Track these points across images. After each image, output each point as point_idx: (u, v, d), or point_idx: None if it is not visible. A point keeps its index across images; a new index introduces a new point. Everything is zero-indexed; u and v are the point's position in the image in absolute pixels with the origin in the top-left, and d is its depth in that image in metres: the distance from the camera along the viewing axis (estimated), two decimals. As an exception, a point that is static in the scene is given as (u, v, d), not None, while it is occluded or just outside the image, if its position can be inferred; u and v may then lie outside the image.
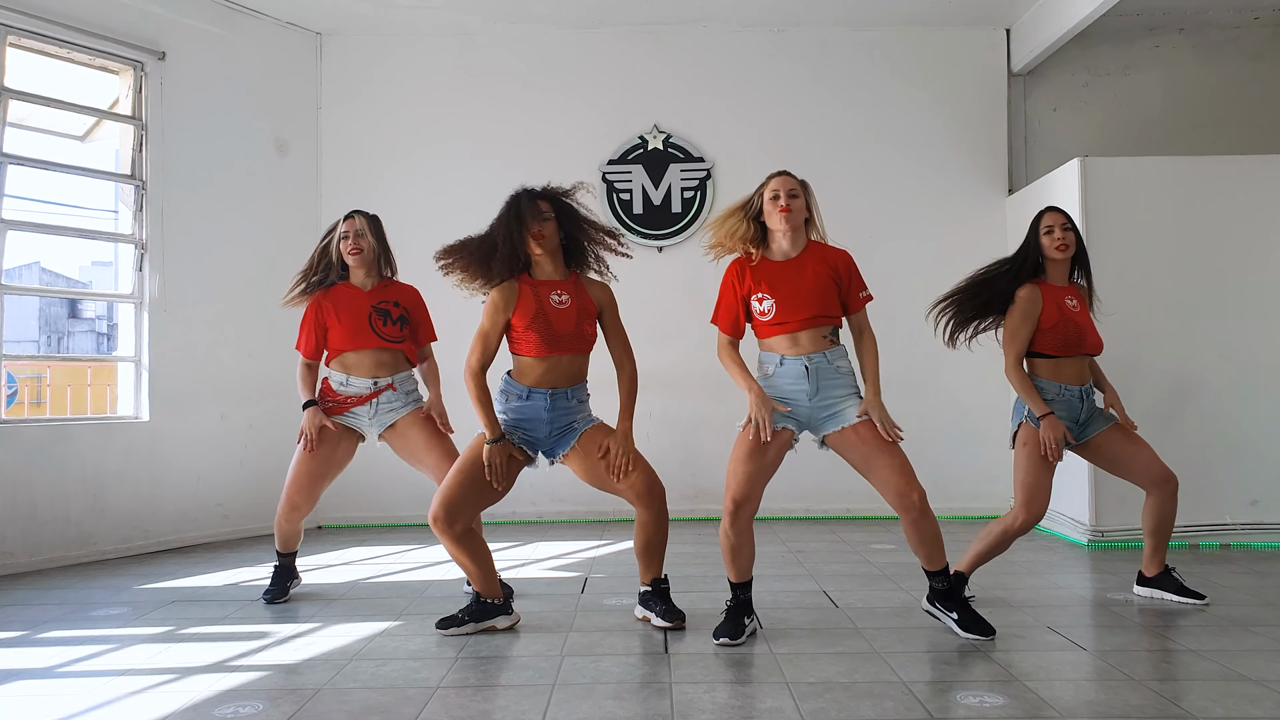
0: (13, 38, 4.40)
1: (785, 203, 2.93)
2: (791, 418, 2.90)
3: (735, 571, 2.97)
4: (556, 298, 3.01)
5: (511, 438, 3.02)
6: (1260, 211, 4.65)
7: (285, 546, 3.63)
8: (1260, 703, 2.31)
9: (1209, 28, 5.73)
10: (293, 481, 3.45)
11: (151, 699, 2.45)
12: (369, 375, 3.45)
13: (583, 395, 3.11)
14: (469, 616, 3.05)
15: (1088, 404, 3.34)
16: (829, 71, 5.77)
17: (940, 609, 2.99)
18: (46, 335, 21.20)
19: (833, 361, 2.90)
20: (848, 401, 2.89)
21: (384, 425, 3.47)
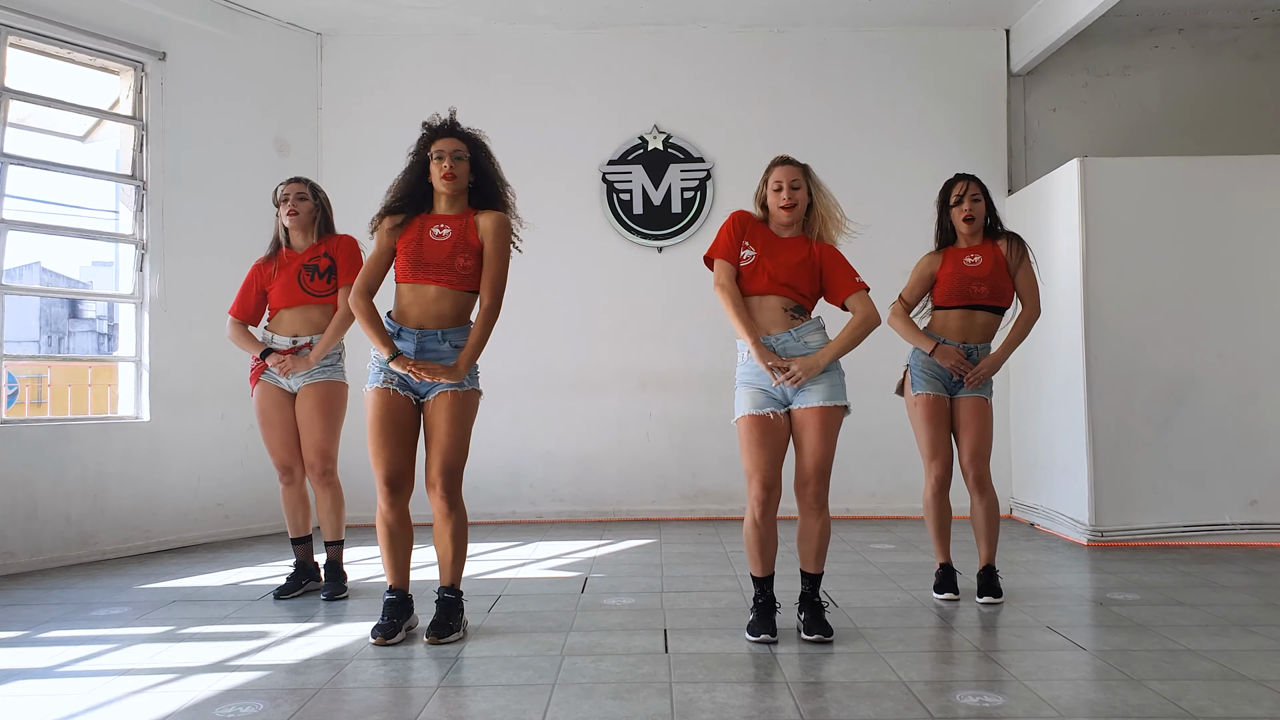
0: (13, 38, 4.40)
1: (789, 197, 2.96)
2: (772, 399, 2.92)
3: (762, 565, 2.95)
4: (437, 230, 2.94)
5: (389, 383, 2.90)
6: (1260, 212, 4.66)
7: (294, 529, 3.66)
8: (1260, 702, 2.32)
9: (1208, 28, 5.74)
10: (267, 446, 3.60)
11: (152, 698, 2.46)
12: (289, 333, 3.57)
13: (459, 340, 2.92)
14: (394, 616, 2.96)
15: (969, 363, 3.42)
16: (829, 72, 5.78)
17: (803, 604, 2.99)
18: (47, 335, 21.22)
19: (800, 338, 2.91)
20: (819, 384, 2.89)
21: (299, 384, 3.56)
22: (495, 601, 3.49)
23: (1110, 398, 4.60)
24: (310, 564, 3.71)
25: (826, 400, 2.87)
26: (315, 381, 3.55)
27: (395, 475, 2.90)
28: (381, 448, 2.89)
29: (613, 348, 5.72)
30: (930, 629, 3.05)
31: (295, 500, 3.64)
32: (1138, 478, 4.58)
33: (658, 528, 5.33)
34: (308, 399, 3.55)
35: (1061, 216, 4.87)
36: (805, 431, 2.89)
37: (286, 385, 3.59)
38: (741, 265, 2.94)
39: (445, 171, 2.93)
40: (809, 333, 2.93)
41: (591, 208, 5.77)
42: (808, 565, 2.97)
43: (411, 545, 3.04)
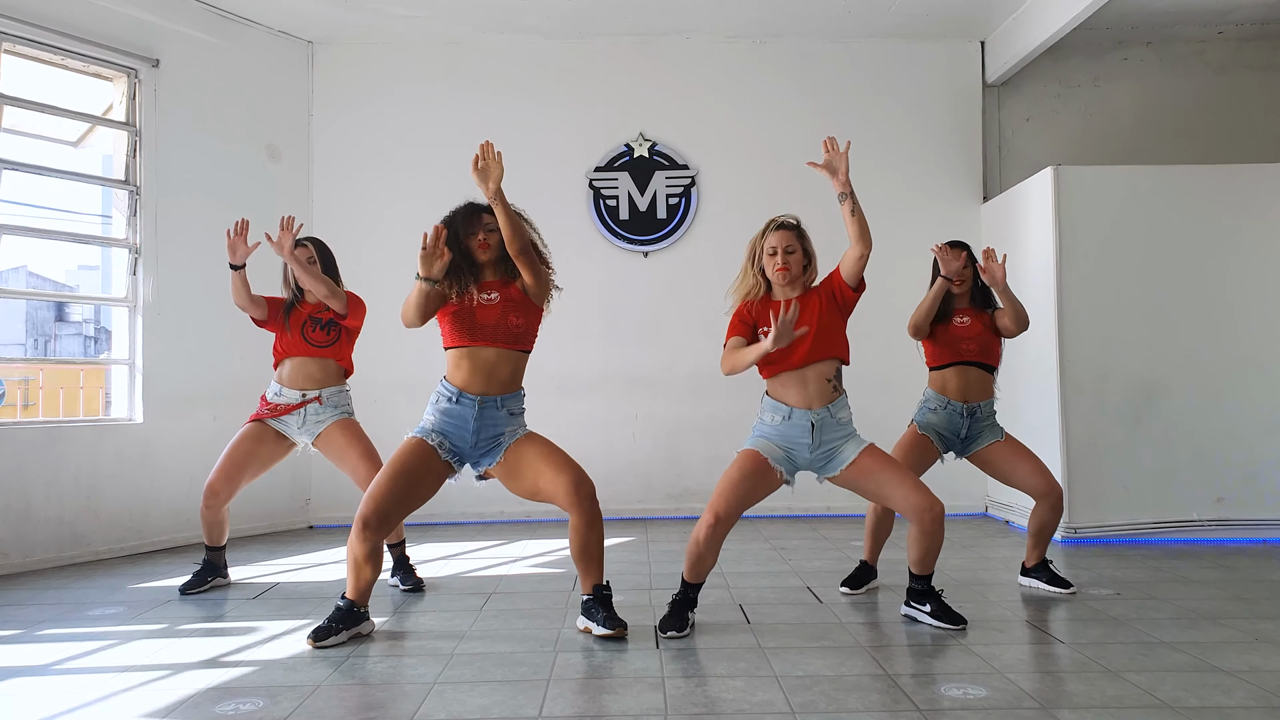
0: (7, 44, 4.41)
1: (783, 261, 3.00)
2: (789, 461, 2.99)
3: (693, 574, 3.05)
4: (485, 296, 2.99)
5: (439, 446, 2.93)
6: (1226, 219, 4.80)
7: (210, 538, 3.75)
8: (1232, 693, 2.38)
9: (1175, 42, 5.91)
10: (218, 468, 3.67)
11: (151, 695, 2.48)
12: (298, 387, 3.68)
13: (515, 407, 3.01)
14: (342, 624, 2.94)
15: (972, 422, 3.53)
16: (809, 82, 5.89)
17: (915, 606, 3.13)
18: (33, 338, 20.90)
19: (835, 414, 2.98)
20: (845, 444, 2.97)
21: (313, 435, 3.70)
22: (487, 600, 3.54)
23: (1083, 400, 4.72)
24: (220, 564, 3.80)
25: (861, 446, 2.96)
26: (337, 420, 3.69)
27: (376, 517, 2.86)
28: (381, 488, 2.87)
29: (599, 350, 5.79)
30: (913, 624, 3.12)
31: (213, 519, 3.72)
32: (1109, 477, 4.70)
33: (644, 526, 5.41)
34: (338, 434, 3.67)
35: (1035, 223, 5.00)
36: (875, 474, 2.94)
37: (292, 435, 3.70)
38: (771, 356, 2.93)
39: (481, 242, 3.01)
40: (841, 409, 3.00)
41: (579, 214, 5.84)
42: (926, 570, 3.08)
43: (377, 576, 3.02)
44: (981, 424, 3.56)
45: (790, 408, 2.98)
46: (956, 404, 3.52)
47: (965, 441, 3.56)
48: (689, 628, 3.02)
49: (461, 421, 2.94)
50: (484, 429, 2.96)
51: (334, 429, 3.69)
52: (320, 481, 5.55)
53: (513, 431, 3.01)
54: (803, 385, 2.97)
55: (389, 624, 3.20)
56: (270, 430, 3.70)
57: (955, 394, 3.53)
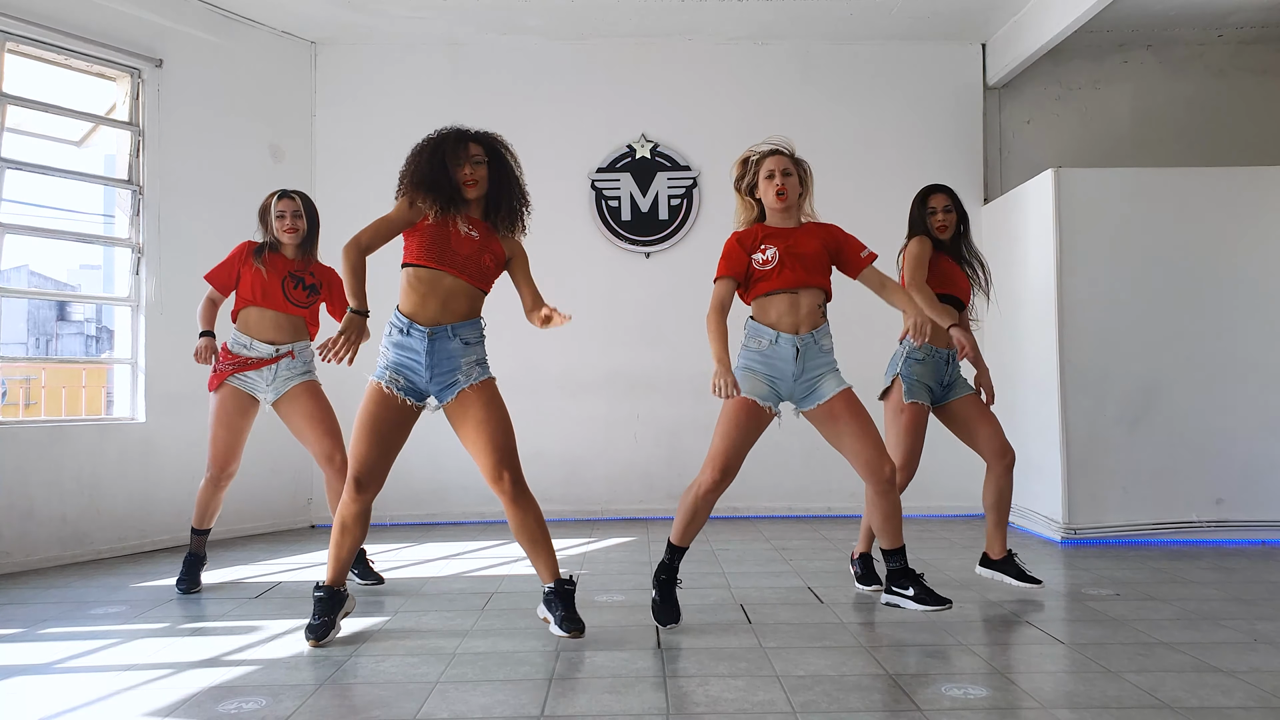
0: (11, 44, 4.43)
1: (780, 183, 3.02)
2: (774, 394, 2.98)
3: (684, 536, 3.05)
4: (466, 228, 2.88)
5: (395, 385, 2.83)
6: (1225, 220, 4.81)
7: (202, 520, 3.70)
8: (1232, 693, 2.39)
9: (1175, 45, 5.92)
10: (220, 447, 3.57)
11: (153, 693, 2.49)
12: (269, 340, 3.59)
13: (469, 335, 2.88)
14: (328, 613, 2.92)
15: (953, 367, 3.52)
16: (811, 84, 5.90)
17: (897, 591, 3.05)
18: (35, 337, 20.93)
19: (819, 341, 2.98)
20: (826, 377, 2.96)
21: (279, 392, 3.60)
22: (489, 599, 3.55)
23: (1082, 400, 4.74)
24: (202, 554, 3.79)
25: (841, 385, 2.94)
26: (303, 381, 3.61)
27: (366, 475, 2.83)
28: (361, 445, 2.82)
29: (601, 351, 5.80)
30: (916, 624, 3.12)
31: (217, 500, 3.69)
32: (1109, 477, 4.71)
33: (645, 526, 5.42)
34: (304, 398, 3.59)
35: (1036, 225, 5.02)
36: (839, 421, 2.92)
37: (257, 392, 3.61)
38: (766, 268, 2.97)
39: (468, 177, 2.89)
40: (824, 335, 3.00)
41: (581, 214, 5.85)
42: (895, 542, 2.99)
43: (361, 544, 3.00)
44: (957, 369, 3.52)
45: (776, 331, 2.95)
46: (942, 351, 3.49)
47: (946, 389, 3.52)
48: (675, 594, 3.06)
49: (414, 354, 2.83)
50: (438, 362, 2.83)
51: (301, 390, 3.59)
52: (322, 481, 5.55)
53: (469, 368, 2.86)
54: (794, 307, 2.96)
55: (391, 623, 3.21)
56: (243, 393, 3.58)
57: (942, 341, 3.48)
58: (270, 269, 3.63)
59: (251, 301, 3.61)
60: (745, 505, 5.65)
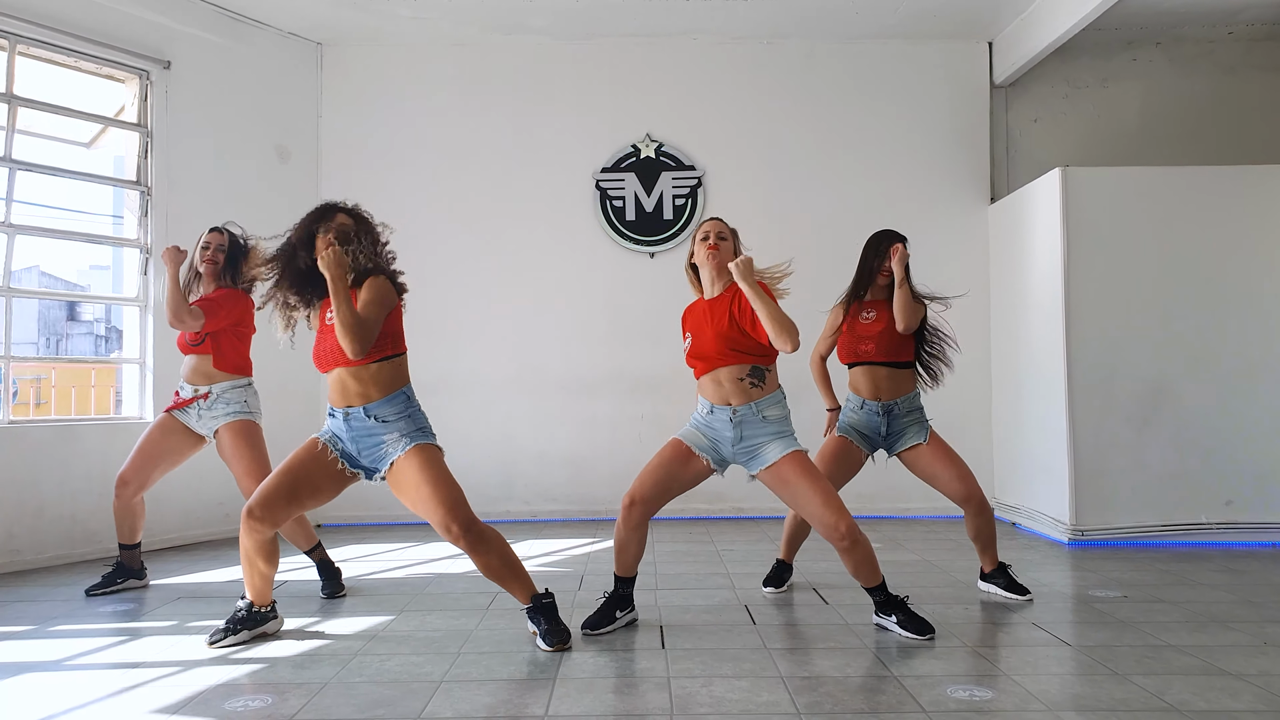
0: (21, 46, 4.47)
1: (714, 242, 3.01)
2: (714, 451, 2.99)
3: (619, 565, 3.08)
4: (330, 315, 2.87)
5: (333, 445, 2.88)
6: (1235, 220, 4.78)
7: (121, 535, 3.75)
8: (1240, 696, 2.38)
9: (1184, 42, 5.89)
10: (129, 458, 3.68)
11: (161, 691, 2.51)
12: (190, 382, 3.71)
13: (385, 413, 2.83)
14: (241, 625, 2.95)
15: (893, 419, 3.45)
16: (816, 83, 5.89)
17: (883, 616, 3.06)
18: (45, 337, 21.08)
19: (761, 410, 2.94)
20: (771, 442, 2.92)
21: (209, 430, 3.69)
22: (493, 599, 3.56)
23: (1090, 401, 4.72)
24: (135, 565, 3.81)
25: (787, 449, 2.90)
26: (232, 421, 3.65)
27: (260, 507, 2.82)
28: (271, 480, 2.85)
29: (605, 351, 5.81)
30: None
31: (124, 511, 3.72)
32: (1117, 479, 4.69)
33: (650, 527, 5.40)
34: (228, 437, 3.64)
35: (1043, 224, 5.00)
36: (790, 485, 2.89)
37: (194, 426, 3.70)
38: (687, 355, 3.04)
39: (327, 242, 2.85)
40: (771, 406, 2.94)
41: (585, 214, 5.86)
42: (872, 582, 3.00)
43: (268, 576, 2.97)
44: (902, 420, 3.46)
45: (710, 403, 3.00)
46: (871, 403, 3.45)
47: (889, 439, 3.48)
48: (611, 627, 3.04)
49: (339, 430, 2.89)
50: (360, 439, 2.85)
51: (224, 432, 3.65)
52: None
53: (394, 441, 2.83)
54: (717, 385, 2.98)
55: (396, 623, 3.22)
56: (176, 422, 3.70)
57: (867, 393, 3.46)
58: None
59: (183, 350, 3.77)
60: (750, 506, 5.65)
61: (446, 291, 5.70)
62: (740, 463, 3.00)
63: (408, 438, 2.84)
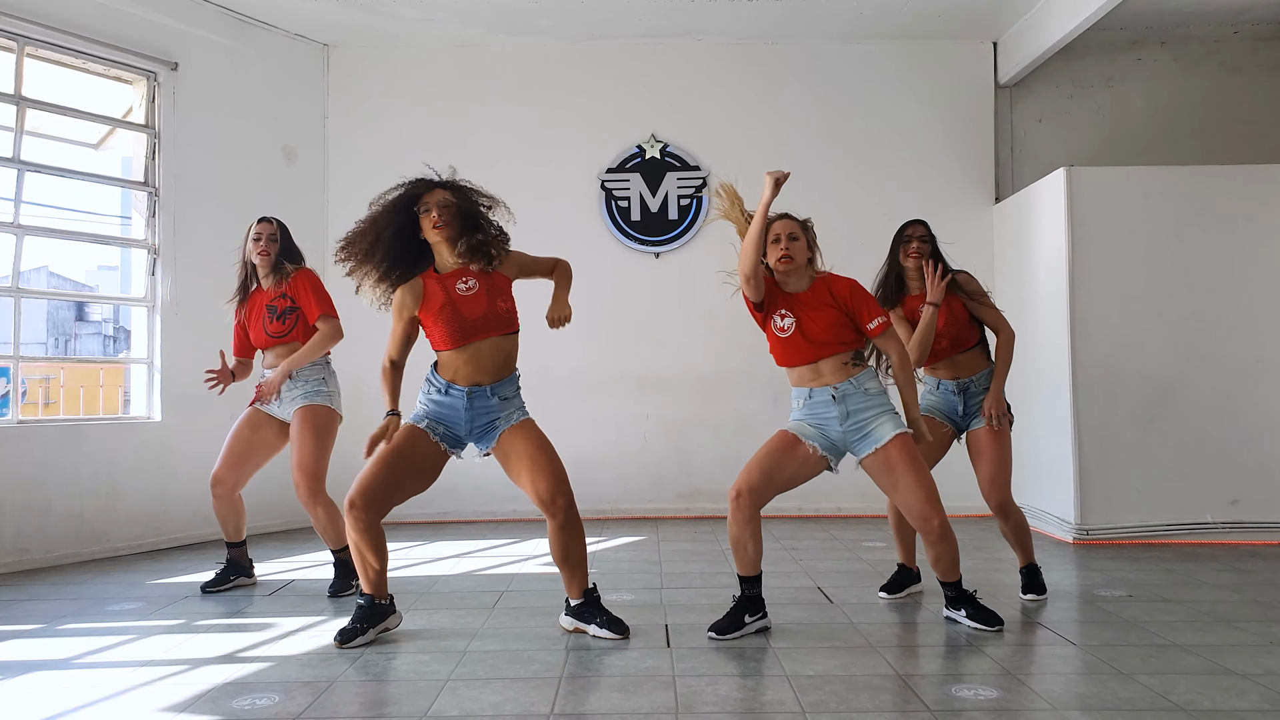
0: (30, 49, 4.49)
1: (786, 247, 2.95)
2: (823, 437, 2.95)
3: (740, 564, 3.02)
4: (463, 285, 2.91)
5: (433, 430, 2.93)
6: (1240, 219, 4.78)
7: (226, 532, 3.78)
8: (1246, 695, 2.38)
9: (1189, 41, 5.88)
10: (220, 457, 3.69)
11: (169, 689, 2.52)
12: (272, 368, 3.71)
13: (507, 391, 2.96)
14: (366, 623, 2.94)
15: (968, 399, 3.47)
16: (821, 83, 5.90)
17: (952, 610, 3.12)
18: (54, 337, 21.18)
19: (861, 384, 2.94)
20: (879, 419, 2.91)
21: (287, 415, 3.70)
22: (499, 598, 3.57)
23: (1095, 400, 4.71)
24: (244, 562, 3.82)
25: (898, 429, 2.89)
26: (308, 404, 3.66)
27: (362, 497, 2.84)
28: (369, 469, 2.85)
29: (611, 351, 5.82)
30: (924, 625, 3.13)
31: (225, 510, 3.73)
32: (1122, 478, 4.69)
33: (654, 526, 5.43)
34: (298, 420, 3.65)
35: (1047, 224, 5.00)
36: (895, 473, 2.88)
37: (277, 413, 3.71)
38: (782, 338, 2.96)
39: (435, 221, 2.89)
40: (868, 379, 2.96)
41: (590, 215, 5.87)
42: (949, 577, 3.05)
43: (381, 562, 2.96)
44: (978, 398, 3.47)
45: (809, 389, 2.97)
46: (948, 382, 3.49)
47: (966, 418, 3.50)
48: (740, 631, 2.96)
49: (454, 411, 2.94)
50: (477, 416, 2.94)
51: (297, 414, 3.65)
52: (335, 480, 5.59)
53: (507, 416, 2.96)
54: (817, 374, 2.96)
55: (402, 622, 3.22)
56: (264, 415, 3.72)
57: (945, 374, 3.50)
58: (254, 313, 3.74)
59: (257, 346, 3.79)
60: (756, 505, 5.65)
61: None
62: (850, 445, 2.96)
63: (520, 411, 2.99)
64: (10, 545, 4.23)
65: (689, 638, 2.97)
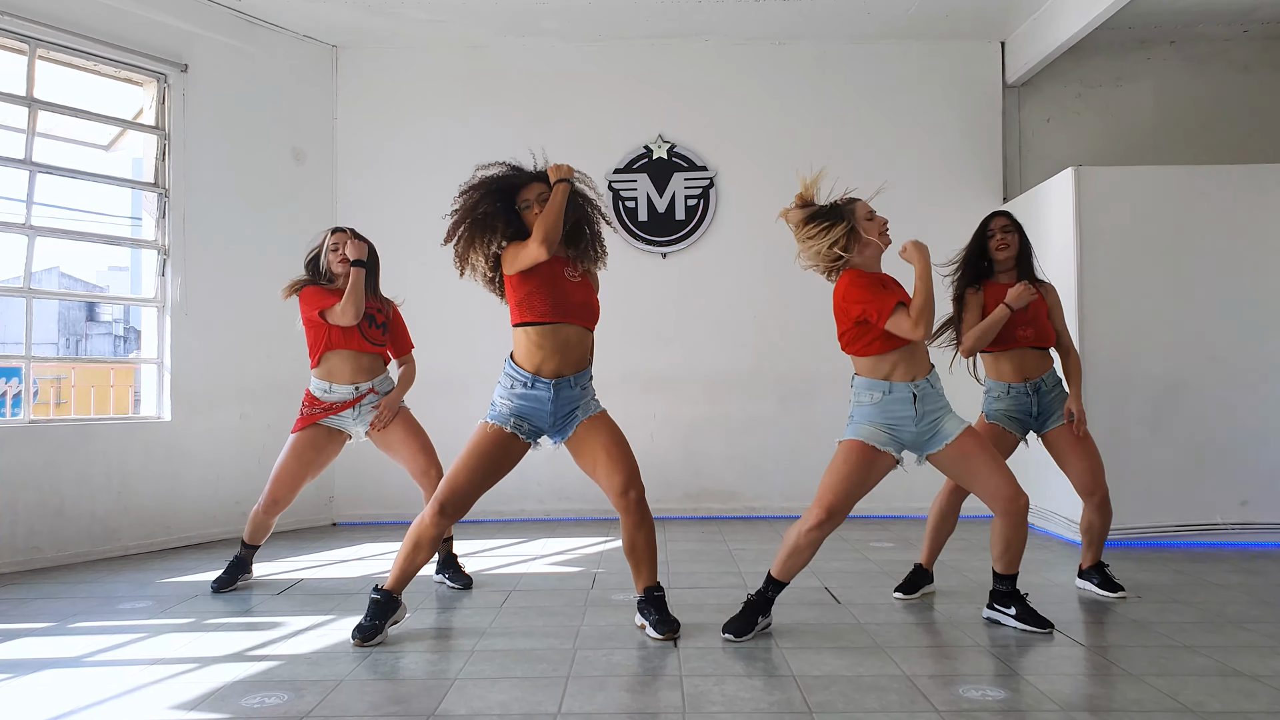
0: (42, 50, 4.52)
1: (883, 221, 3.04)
2: (895, 440, 2.93)
3: (785, 571, 2.99)
4: (570, 271, 3.00)
5: (518, 429, 2.95)
6: (1248, 218, 4.76)
7: (254, 538, 3.79)
8: (1256, 697, 2.37)
9: (1199, 40, 5.85)
10: (277, 477, 3.65)
11: (179, 687, 2.54)
12: (350, 381, 3.65)
13: (585, 381, 3.04)
14: (381, 619, 2.96)
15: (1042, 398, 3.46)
16: (828, 83, 5.89)
17: (1000, 609, 3.10)
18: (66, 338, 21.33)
19: (935, 385, 2.96)
20: (947, 416, 2.93)
21: (367, 424, 3.70)
22: (507, 597, 3.58)
23: (1104, 401, 4.69)
24: (250, 562, 3.85)
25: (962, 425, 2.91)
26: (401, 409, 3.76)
27: (454, 503, 2.93)
28: (461, 475, 2.92)
29: (618, 350, 5.80)
30: (932, 625, 3.13)
31: (267, 524, 3.76)
32: (1131, 479, 4.66)
33: (661, 526, 5.42)
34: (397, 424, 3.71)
35: (1056, 224, 4.98)
36: (972, 460, 2.88)
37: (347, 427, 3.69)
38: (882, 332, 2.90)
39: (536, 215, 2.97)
40: (938, 379, 2.98)
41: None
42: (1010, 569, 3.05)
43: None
44: (1049, 396, 3.47)
45: (889, 382, 2.90)
46: (1018, 385, 3.45)
47: (1040, 418, 3.48)
48: (753, 633, 2.97)
49: (539, 404, 2.96)
50: (560, 408, 2.98)
51: (401, 416, 3.73)
52: (344, 479, 5.63)
53: (586, 405, 3.02)
54: (911, 357, 2.93)
55: (411, 621, 3.24)
56: (324, 430, 3.67)
57: (1014, 376, 3.46)
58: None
59: (330, 347, 3.65)
60: (762, 505, 5.65)
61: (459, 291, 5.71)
62: (920, 445, 2.94)
63: (595, 402, 3.07)
64: (22, 544, 4.27)
65: (696, 638, 2.97)
